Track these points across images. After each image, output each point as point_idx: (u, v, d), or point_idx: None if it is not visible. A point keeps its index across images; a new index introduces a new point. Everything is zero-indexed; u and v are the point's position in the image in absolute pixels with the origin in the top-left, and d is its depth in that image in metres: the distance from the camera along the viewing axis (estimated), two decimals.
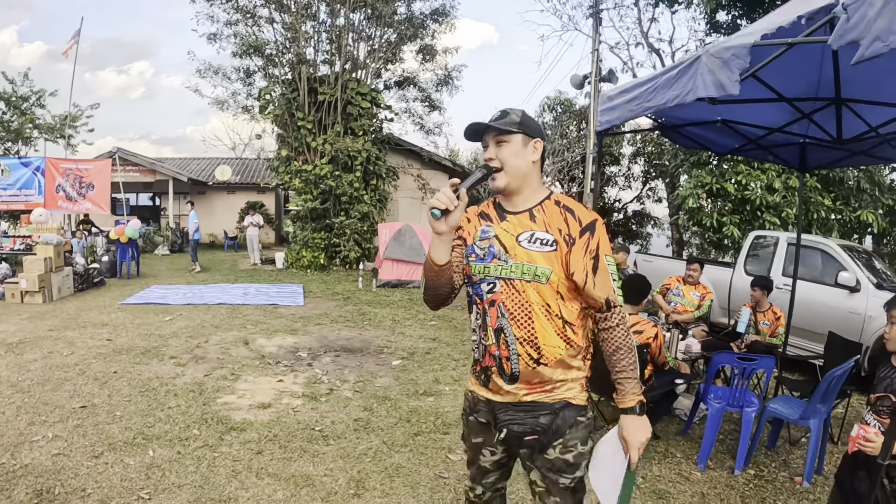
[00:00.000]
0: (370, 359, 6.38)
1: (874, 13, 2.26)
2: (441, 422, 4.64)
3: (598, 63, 13.34)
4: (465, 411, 2.16)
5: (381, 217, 15.48)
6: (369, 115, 15.16)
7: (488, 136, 1.99)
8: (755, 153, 5.90)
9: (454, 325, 8.58)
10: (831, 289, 7.19)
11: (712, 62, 3.01)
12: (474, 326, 2.04)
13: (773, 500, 3.87)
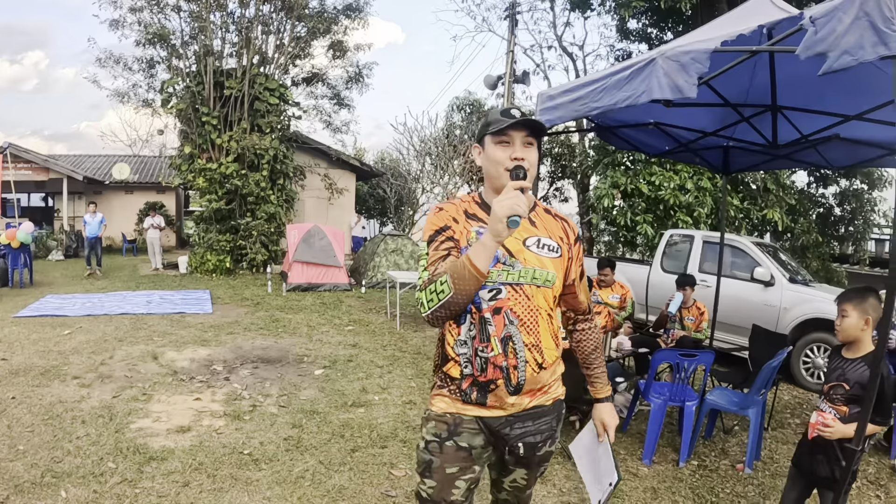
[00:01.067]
0: (291, 369, 6.00)
1: (843, 28, 2.35)
2: (377, 435, 4.41)
3: (513, 65, 13.41)
4: (436, 437, 1.90)
5: (288, 218, 14.91)
6: (277, 111, 14.56)
7: (517, 133, 1.86)
8: (684, 155, 6.07)
9: (371, 329, 8.34)
10: (748, 283, 7.55)
11: (669, 65, 3.01)
12: (464, 339, 1.87)
13: (720, 489, 4.02)
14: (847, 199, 13.04)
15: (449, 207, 1.96)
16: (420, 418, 2.05)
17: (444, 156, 17.07)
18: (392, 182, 20.51)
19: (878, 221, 13.42)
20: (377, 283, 12.56)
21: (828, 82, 3.67)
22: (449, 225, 1.91)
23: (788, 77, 4.11)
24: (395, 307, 9.01)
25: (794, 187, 12.21)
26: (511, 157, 1.85)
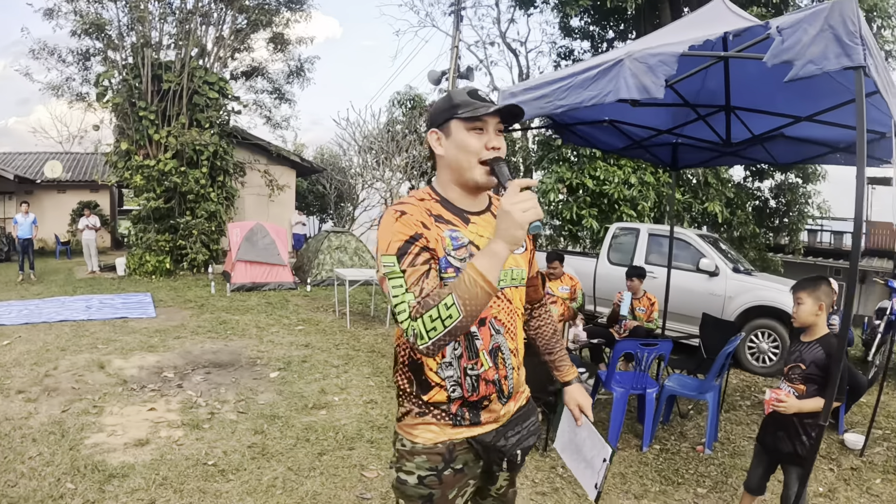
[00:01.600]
0: (245, 373, 5.83)
1: (808, 39, 2.49)
2: (342, 437, 4.34)
3: (457, 60, 13.42)
4: (432, 470, 1.70)
5: (229, 216, 14.44)
6: (217, 106, 14.04)
7: (492, 119, 1.65)
8: (636, 152, 6.24)
9: (322, 328, 8.22)
10: (693, 274, 7.82)
11: (636, 66, 3.10)
12: (449, 360, 1.66)
13: (684, 470, 4.20)
14: (782, 192, 13.68)
15: (411, 209, 1.63)
16: (392, 427, 1.93)
17: (385, 151, 16.95)
18: (335, 177, 20.24)
19: (812, 213, 14.14)
20: (322, 281, 12.37)
21: (777, 85, 3.89)
22: (420, 233, 1.59)
23: (741, 80, 4.31)
24: (345, 305, 8.88)
25: (731, 181, 12.72)
26: (487, 147, 1.65)
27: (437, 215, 1.66)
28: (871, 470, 4.48)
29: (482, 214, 1.75)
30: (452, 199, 1.72)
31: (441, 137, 1.69)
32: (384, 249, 1.58)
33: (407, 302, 1.51)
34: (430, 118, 1.74)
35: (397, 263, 1.55)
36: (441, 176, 1.74)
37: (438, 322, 1.46)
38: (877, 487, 4.17)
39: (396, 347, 1.78)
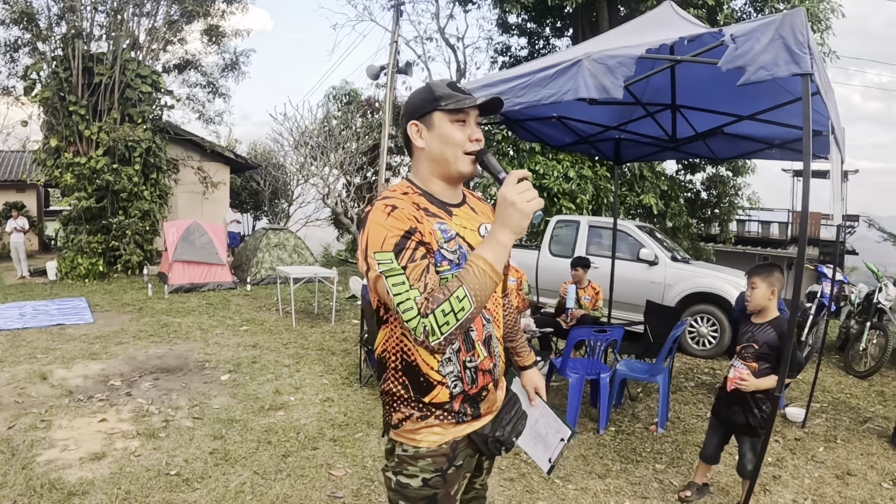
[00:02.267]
0: (194, 377, 5.68)
1: (760, 47, 2.68)
2: (304, 437, 4.32)
3: (396, 55, 13.35)
4: (437, 472, 1.70)
5: (162, 215, 13.88)
6: (150, 100, 13.43)
7: (472, 111, 1.67)
8: (581, 147, 6.45)
9: (267, 328, 8.08)
10: (634, 263, 8.12)
11: (595, 67, 3.22)
12: (449, 356, 1.66)
13: (641, 449, 4.44)
14: (713, 184, 14.29)
15: (401, 204, 1.59)
16: (387, 444, 1.81)
17: (321, 147, 16.69)
18: (272, 172, 19.79)
19: (742, 204, 14.83)
20: (262, 280, 12.14)
21: (719, 86, 4.15)
22: (415, 227, 1.56)
23: (686, 80, 4.54)
24: (290, 304, 8.76)
25: (665, 174, 13.18)
26: (470, 139, 1.66)
27: (424, 209, 1.64)
28: (814, 440, 4.87)
29: (461, 207, 1.76)
30: (435, 193, 1.71)
31: (422, 130, 1.68)
32: (378, 246, 1.53)
33: (412, 299, 1.48)
34: (410, 110, 1.71)
35: (395, 260, 1.51)
36: (421, 169, 1.73)
37: (451, 316, 1.46)
38: (820, 455, 4.54)
39: (384, 353, 1.73)
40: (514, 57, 16.20)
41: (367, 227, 1.58)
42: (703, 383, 6.44)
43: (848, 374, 7.08)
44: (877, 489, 4.02)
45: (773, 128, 4.79)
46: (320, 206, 20.41)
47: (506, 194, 1.49)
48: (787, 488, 3.95)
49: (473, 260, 1.51)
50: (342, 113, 18.73)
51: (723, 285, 7.59)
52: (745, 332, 3.37)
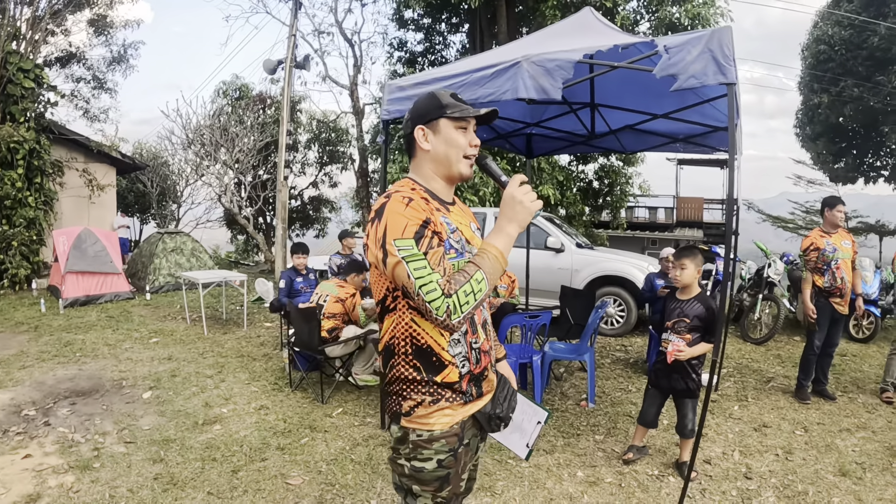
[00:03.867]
0: (114, 398, 5.36)
1: (691, 58, 3.01)
2: (249, 449, 4.24)
3: (294, 49, 13.03)
4: (450, 452, 1.82)
5: (48, 222, 12.74)
6: (32, 97, 12.18)
7: (472, 121, 1.88)
8: (497, 142, 6.76)
9: (178, 338, 7.77)
10: (541, 252, 8.54)
11: (534, 69, 3.42)
12: (457, 337, 1.80)
13: (578, 423, 4.80)
14: (606, 174, 15.05)
15: (414, 195, 1.75)
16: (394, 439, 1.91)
17: (212, 144, 15.99)
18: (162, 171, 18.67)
19: (632, 192, 15.76)
20: (162, 288, 11.56)
21: (631, 88, 4.53)
22: (430, 218, 1.72)
23: (603, 81, 4.90)
24: (200, 311, 8.46)
25: (560, 165, 13.77)
26: (471, 144, 1.86)
27: (432, 205, 1.80)
28: (727, 400, 5.50)
29: (454, 205, 1.94)
30: (436, 191, 1.87)
31: (428, 134, 1.85)
32: (399, 234, 1.66)
33: (435, 281, 1.63)
34: (417, 115, 1.87)
35: (415, 246, 1.65)
36: (423, 169, 1.89)
37: (472, 296, 1.64)
38: (736, 413, 5.16)
39: (392, 340, 1.83)
40: (411, 52, 16.24)
41: (386, 216, 1.70)
42: (618, 359, 6.94)
43: (745, 341, 7.89)
44: (792, 436, 4.67)
45: (679, 124, 5.31)
46: (211, 207, 19.58)
47: (514, 194, 1.74)
48: (715, 443, 4.47)
49: (487, 248, 1.72)
50: (233, 109, 17.98)
51: (627, 268, 8.16)
52: (675, 308, 3.78)
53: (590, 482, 3.80)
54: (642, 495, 3.64)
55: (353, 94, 17.54)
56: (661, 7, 12.43)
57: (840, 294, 5.40)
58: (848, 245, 5.50)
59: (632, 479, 3.84)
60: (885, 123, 15.98)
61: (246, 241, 22.46)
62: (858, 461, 4.21)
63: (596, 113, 5.63)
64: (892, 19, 14.78)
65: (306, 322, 5.46)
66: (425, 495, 1.87)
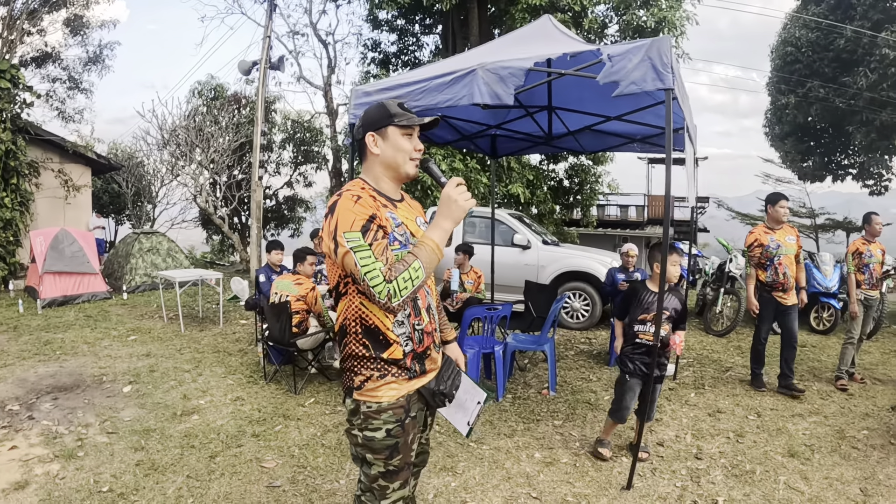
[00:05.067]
0: (95, 392, 5.51)
1: (632, 66, 3.29)
2: (226, 436, 4.43)
3: (269, 50, 13.15)
4: (398, 422, 2.04)
5: (25, 223, 12.67)
6: (8, 97, 12.07)
7: (417, 128, 2.10)
8: (463, 143, 7.00)
9: (156, 336, 7.91)
10: (509, 248, 8.84)
11: (488, 76, 3.68)
12: (401, 319, 2.03)
13: (539, 411, 5.05)
14: (576, 173, 15.40)
15: (363, 194, 1.98)
16: (351, 412, 2.10)
17: (187, 144, 15.99)
18: (137, 171, 18.60)
19: (602, 190, 16.12)
20: (138, 287, 11.64)
21: (588, 92, 4.82)
22: (376, 213, 1.93)
23: (560, 86, 5.22)
24: (177, 309, 8.59)
25: (530, 165, 14.07)
26: (416, 149, 2.08)
27: (378, 201, 2.01)
28: (685, 388, 5.82)
29: (402, 202, 2.16)
30: (384, 190, 2.09)
31: (378, 140, 2.06)
32: (348, 227, 1.88)
33: (378, 269, 1.84)
34: (368, 122, 2.08)
35: (362, 238, 1.87)
36: (373, 171, 2.11)
37: (410, 282, 1.86)
38: (693, 399, 5.48)
39: (344, 321, 2.05)
40: (384, 53, 16.40)
41: (337, 212, 1.92)
42: (582, 351, 7.25)
43: (708, 333, 8.27)
44: (744, 420, 4.98)
45: (635, 126, 5.64)
46: (186, 208, 19.57)
47: (450, 194, 1.96)
48: (669, 427, 4.78)
49: (424, 240, 1.94)
50: (208, 109, 17.99)
51: (591, 264, 8.48)
52: (652, 301, 3.89)
53: (546, 462, 4.06)
54: (595, 474, 3.90)
55: (326, 94, 17.67)
56: (628, 11, 12.69)
57: (783, 288, 5.55)
58: (792, 241, 5.63)
59: (586, 460, 4.10)
60: (851, 123, 16.41)
61: (221, 241, 22.43)
62: (808, 443, 4.47)
63: (554, 115, 5.92)
64: (857, 22, 15.23)
65: (277, 317, 5.65)
66: (378, 463, 2.07)
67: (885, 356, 7.29)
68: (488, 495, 3.60)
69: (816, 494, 3.73)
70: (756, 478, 3.91)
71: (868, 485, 3.87)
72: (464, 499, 3.55)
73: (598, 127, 5.99)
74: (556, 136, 6.20)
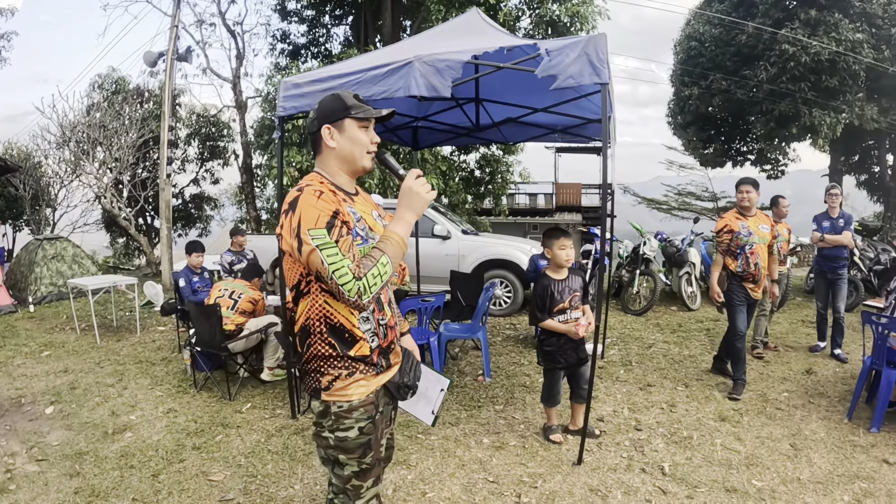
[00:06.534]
0: (15, 416, 5.14)
1: (569, 61, 3.42)
2: (165, 452, 4.26)
3: (176, 41, 12.55)
4: (369, 419, 2.04)
5: None
6: None
7: (373, 121, 2.08)
8: (385, 136, 7.02)
9: (71, 349, 7.46)
10: (429, 239, 8.96)
11: (425, 68, 3.73)
12: (366, 315, 2.02)
13: (478, 397, 5.22)
14: (487, 163, 15.64)
15: (324, 189, 1.93)
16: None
17: (88, 142, 15.05)
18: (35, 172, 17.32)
19: (514, 180, 16.46)
20: (45, 298, 10.92)
21: (513, 84, 4.94)
22: (339, 209, 1.89)
23: (487, 78, 5.30)
24: (91, 319, 8.13)
25: (442, 156, 14.18)
26: (372, 141, 2.05)
27: (339, 196, 1.98)
28: (614, 366, 6.14)
29: (357, 196, 2.14)
30: (341, 184, 2.06)
31: (334, 132, 2.02)
32: (312, 224, 1.83)
33: (346, 266, 1.82)
34: (323, 115, 2.04)
35: (328, 235, 1.84)
36: (329, 164, 2.07)
37: (379, 278, 1.86)
38: (623, 376, 5.80)
39: (307, 322, 2.01)
40: (294, 44, 16.00)
41: (300, 208, 1.86)
42: (508, 337, 7.49)
43: (626, 313, 8.71)
44: (674, 391, 5.35)
45: (557, 117, 5.85)
46: (88, 210, 18.44)
47: (412, 186, 1.98)
48: (605, 403, 5.06)
49: (389, 234, 1.95)
50: (109, 104, 16.92)
51: (511, 251, 8.72)
52: (563, 289, 4.06)
53: (496, 447, 4.20)
54: (545, 453, 4.08)
55: (235, 87, 17.06)
56: (542, 5, 12.93)
57: (753, 279, 5.22)
58: (766, 230, 5.29)
59: (534, 441, 4.27)
60: (751, 113, 17.53)
61: (126, 244, 21.29)
62: (735, 408, 4.86)
63: (480, 107, 6.08)
64: (759, 20, 16.22)
65: (207, 320, 5.49)
66: (351, 463, 2.06)
67: (793, 325, 7.95)
68: (446, 484, 3.71)
69: (752, 452, 4.09)
70: (694, 442, 4.23)
71: (796, 440, 4.28)
72: (423, 490, 3.63)
73: (522, 118, 6.18)
74: (482, 126, 6.35)
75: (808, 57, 14.72)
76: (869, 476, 3.74)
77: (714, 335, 7.29)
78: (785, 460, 3.97)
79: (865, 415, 4.70)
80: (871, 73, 15.01)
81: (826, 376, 5.75)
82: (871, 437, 4.33)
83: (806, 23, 15.00)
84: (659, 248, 9.35)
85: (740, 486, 3.62)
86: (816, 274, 6.70)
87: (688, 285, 9.06)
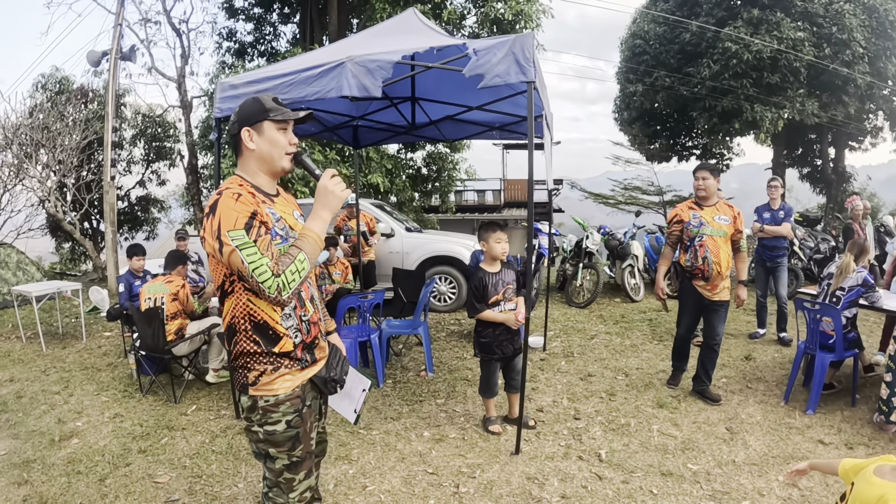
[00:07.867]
0: None
1: (497, 60, 3.54)
2: (112, 457, 4.29)
3: (120, 39, 12.28)
4: (296, 412, 2.11)
5: None
6: None
7: (291, 122, 2.14)
8: (325, 135, 7.13)
9: (16, 358, 7.32)
10: None
11: (357, 69, 3.83)
12: (288, 312, 2.08)
13: (420, 391, 5.33)
14: (433, 160, 15.79)
15: (241, 191, 1.99)
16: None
17: (36, 143, 14.60)
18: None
19: (460, 177, 16.62)
20: None
21: (449, 83, 5.10)
22: (257, 210, 1.95)
23: (423, 77, 5.51)
24: (36, 327, 7.97)
25: (388, 154, 14.15)
26: (290, 143, 2.11)
27: (257, 198, 2.04)
28: (555, 357, 6.32)
29: (278, 196, 2.21)
30: (260, 185, 2.13)
31: (253, 135, 2.09)
32: (231, 225, 1.90)
33: (265, 264, 1.89)
34: (243, 118, 2.10)
35: (246, 235, 1.90)
36: (249, 166, 2.13)
37: (297, 274, 1.93)
38: (564, 367, 5.98)
39: (233, 320, 2.07)
40: (240, 43, 15.83)
41: (219, 211, 1.93)
42: (453, 332, 7.67)
43: (570, 306, 8.96)
44: (614, 381, 5.53)
45: (494, 115, 6.07)
46: (32, 215, 17.89)
47: (326, 185, 2.05)
48: (545, 394, 5.23)
49: (306, 232, 2.03)
50: (53, 104, 16.42)
51: (455, 248, 8.88)
52: (497, 282, 4.19)
53: (436, 440, 4.33)
54: (484, 444, 4.22)
55: (180, 86, 16.76)
56: (486, 3, 13.05)
57: (703, 276, 4.73)
58: (725, 221, 4.74)
59: (473, 433, 4.42)
60: (695, 109, 17.94)
61: (72, 249, 20.71)
62: (674, 395, 5.05)
63: (417, 106, 6.20)
64: (703, 18, 16.68)
65: (149, 324, 5.49)
66: (281, 456, 2.13)
67: (734, 313, 8.17)
68: (387, 477, 3.83)
69: (688, 437, 4.28)
70: (632, 429, 4.40)
71: (733, 424, 4.49)
72: (363, 484, 3.75)
73: (459, 116, 6.34)
74: (418, 125, 6.47)
75: (751, 54, 15.18)
76: (804, 456, 3.90)
77: (656, 325, 7.57)
78: (721, 443, 4.14)
79: (802, 398, 4.91)
80: (812, 70, 15.55)
81: (765, 362, 6.03)
82: (806, 419, 4.53)
83: (749, 21, 15.48)
84: (602, 241, 9.61)
85: (676, 469, 3.79)
86: (757, 263, 6.93)
87: (631, 277, 9.35)
